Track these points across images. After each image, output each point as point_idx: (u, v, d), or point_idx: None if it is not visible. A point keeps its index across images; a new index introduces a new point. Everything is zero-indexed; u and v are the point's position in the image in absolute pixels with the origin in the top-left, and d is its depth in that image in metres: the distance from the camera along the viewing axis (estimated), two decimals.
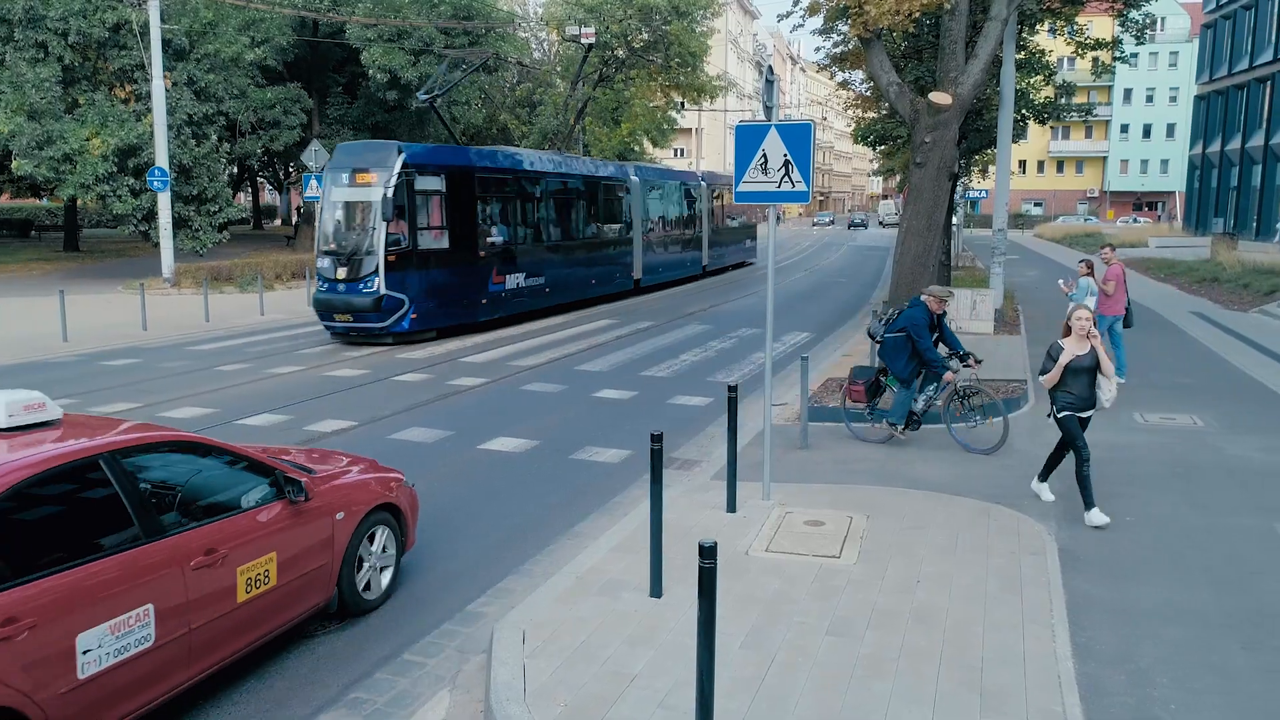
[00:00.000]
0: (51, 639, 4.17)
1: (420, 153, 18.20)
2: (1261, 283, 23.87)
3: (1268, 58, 43.44)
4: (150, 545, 4.72)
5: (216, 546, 5.06)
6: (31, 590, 4.13)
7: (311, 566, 5.77)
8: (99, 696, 4.41)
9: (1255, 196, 44.21)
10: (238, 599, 5.19)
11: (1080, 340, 7.56)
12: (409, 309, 17.45)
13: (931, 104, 11.58)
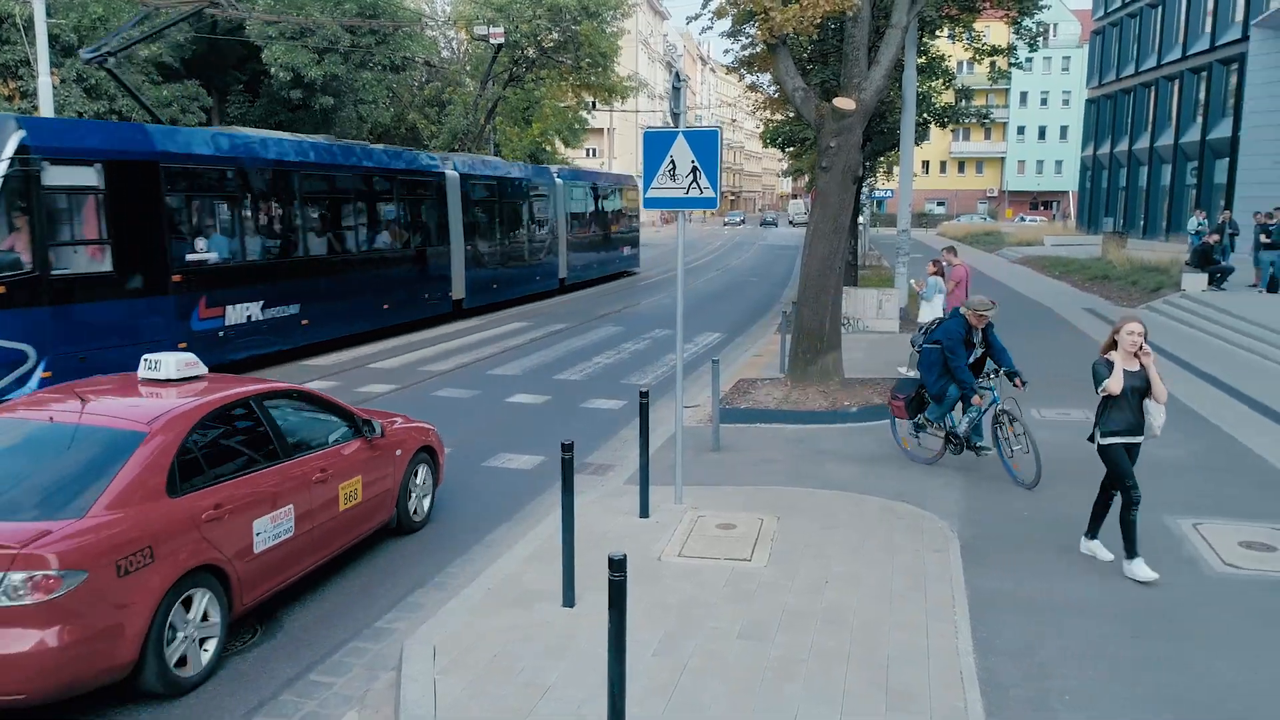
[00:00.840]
0: (240, 523, 5.87)
1: (55, 131, 13.05)
2: (1148, 279, 24.95)
3: (1151, 64, 45.51)
4: (289, 463, 6.45)
5: (326, 468, 6.76)
6: (227, 487, 5.86)
7: (382, 490, 7.47)
8: (262, 569, 6.03)
9: (1142, 196, 46.29)
10: (339, 508, 6.87)
11: (1128, 357, 6.61)
12: (36, 364, 11.88)
13: (836, 110, 11.79)
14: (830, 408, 11.53)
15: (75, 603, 4.76)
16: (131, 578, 5.03)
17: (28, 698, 4.73)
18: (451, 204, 21.70)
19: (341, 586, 6.92)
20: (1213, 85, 39.24)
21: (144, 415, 5.77)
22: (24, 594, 4.66)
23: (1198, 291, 22.02)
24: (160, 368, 6.48)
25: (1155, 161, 44.77)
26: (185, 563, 5.35)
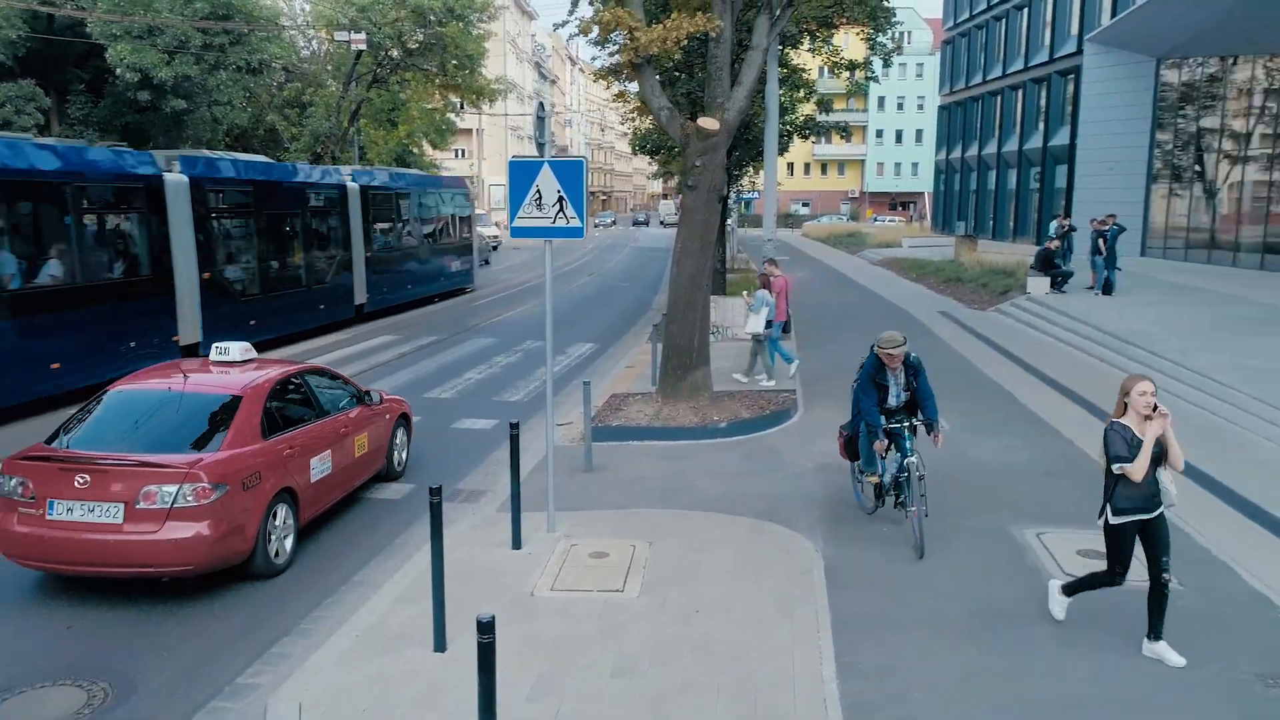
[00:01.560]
0: (303, 460, 8.16)
1: None
2: (997, 282, 26.30)
3: (997, 74, 47.96)
4: (326, 420, 8.78)
5: (347, 426, 9.08)
6: (296, 434, 8.17)
7: (378, 445, 9.77)
8: (314, 494, 8.34)
9: (991, 199, 48.75)
10: (355, 455, 9.17)
11: (1142, 421, 5.88)
12: None
13: (700, 130, 12.00)
14: (700, 424, 11.73)
15: (220, 507, 7.05)
16: (249, 492, 7.37)
17: (194, 568, 7.05)
18: (180, 219, 16.59)
19: (201, 637, 6.65)
20: (1052, 95, 41.61)
21: (235, 385, 8.04)
22: (191, 500, 6.92)
23: (1041, 294, 23.34)
24: (229, 353, 8.72)
25: (1002, 166, 47.18)
26: (277, 484, 7.71)
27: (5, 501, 7.09)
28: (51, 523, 6.90)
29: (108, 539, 6.82)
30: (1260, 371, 13.80)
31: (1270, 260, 28.08)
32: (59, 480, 6.94)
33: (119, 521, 6.84)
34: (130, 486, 6.89)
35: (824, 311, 24.16)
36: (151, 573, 7.02)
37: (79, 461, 7.01)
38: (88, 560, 6.92)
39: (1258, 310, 19.18)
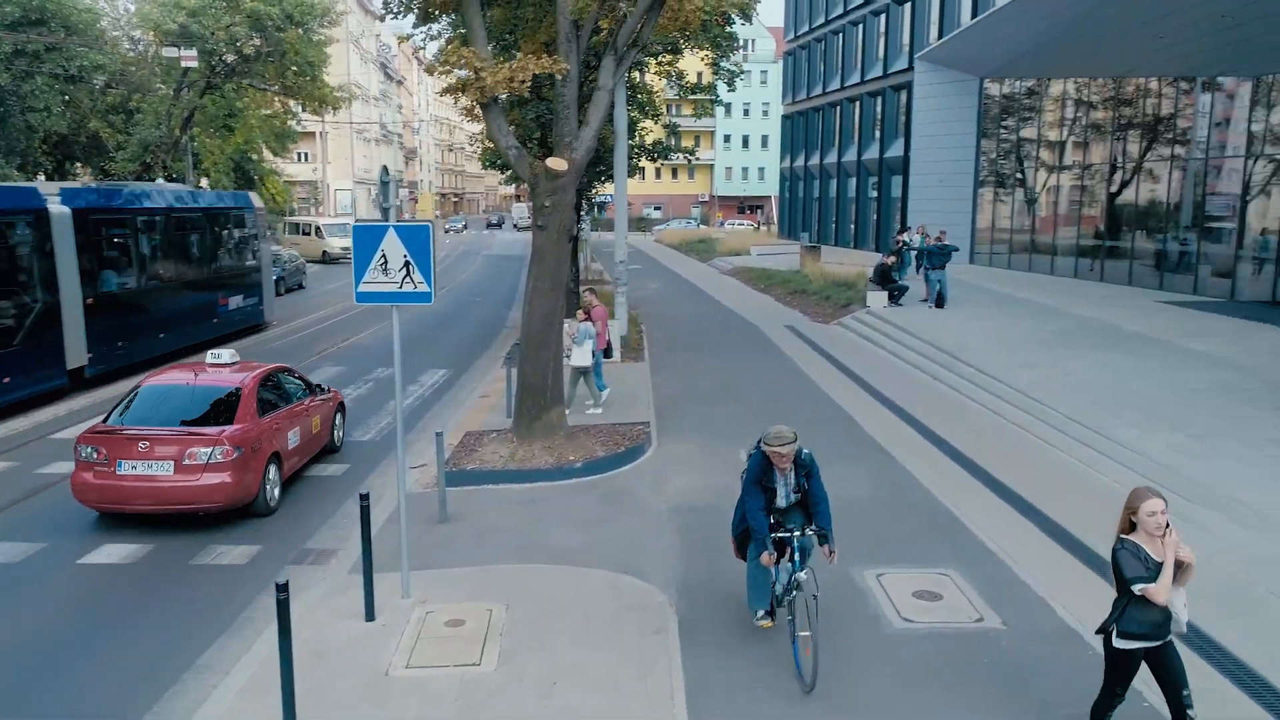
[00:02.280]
0: (284, 434, 11.08)
1: None
2: (839, 295, 27.39)
3: (836, 86, 49.89)
4: (294, 405, 11.61)
5: (307, 409, 11.93)
6: (278, 414, 11.09)
7: (327, 425, 12.69)
8: (289, 457, 11.26)
9: (833, 207, 50.68)
10: (312, 432, 12.03)
11: (1152, 540, 5.36)
12: None
13: (549, 170, 12.04)
14: (556, 464, 11.79)
15: (239, 463, 10.05)
16: (255, 454, 10.35)
17: (221, 505, 10.01)
18: None
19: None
20: (886, 108, 43.61)
21: (235, 380, 11.05)
22: (220, 458, 9.92)
23: (879, 308, 24.47)
24: (222, 358, 11.67)
25: (842, 175, 49.11)
26: (269, 450, 10.68)
27: (83, 465, 10.01)
28: (121, 476, 9.89)
29: (162, 485, 9.87)
30: (1073, 389, 14.91)
31: (1082, 265, 30.32)
32: (126, 446, 9.94)
33: (171, 474, 9.90)
34: (179, 449, 9.93)
35: (677, 328, 24.60)
36: (191, 509, 9.99)
37: (140, 433, 10.04)
38: (150, 500, 9.91)
39: (1070, 324, 20.66)
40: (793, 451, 6.97)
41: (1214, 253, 25.39)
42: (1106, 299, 24.59)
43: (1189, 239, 26.24)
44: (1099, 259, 29.66)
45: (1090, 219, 30.39)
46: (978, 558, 8.89)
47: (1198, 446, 11.79)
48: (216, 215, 24.17)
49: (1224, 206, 24.98)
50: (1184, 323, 20.46)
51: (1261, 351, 17.05)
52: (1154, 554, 5.33)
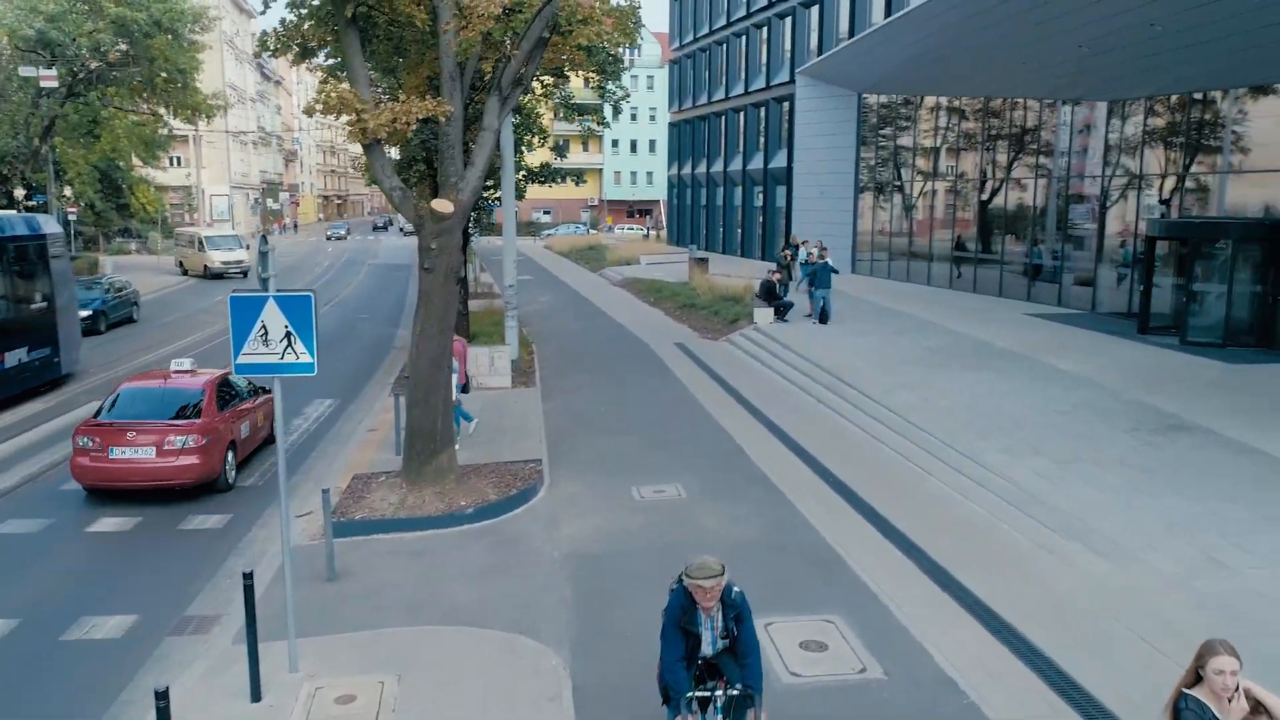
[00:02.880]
0: (238, 426, 13.78)
1: None
2: (728, 310, 27.87)
3: (720, 96, 50.67)
4: (243, 403, 14.17)
5: (252, 407, 14.39)
6: (232, 411, 13.72)
7: (268, 419, 14.62)
8: (243, 446, 13.95)
9: (720, 215, 51.47)
10: (258, 424, 14.51)
11: (1219, 699, 4.79)
12: None
13: (435, 212, 11.93)
14: (447, 510, 11.70)
15: (207, 449, 12.57)
16: (218, 442, 12.85)
17: (193, 482, 12.54)
18: None
19: None
20: (770, 120, 44.53)
21: (199, 382, 13.51)
22: (192, 444, 12.40)
23: (766, 324, 25.03)
24: (184, 365, 13.94)
25: (729, 185, 49.92)
26: (228, 438, 13.20)
27: (81, 451, 12.45)
28: (113, 460, 12.32)
29: (147, 466, 12.34)
30: (947, 411, 15.58)
31: (956, 276, 31.62)
32: (117, 435, 12.41)
33: (153, 457, 12.35)
34: (159, 438, 12.37)
35: (568, 347, 24.63)
36: (169, 485, 12.44)
37: (128, 425, 12.56)
38: (138, 478, 12.35)
39: (945, 340, 21.55)
40: (719, 587, 5.81)
41: (1075, 266, 26.84)
42: (978, 312, 25.72)
43: (1053, 252, 27.67)
44: (972, 270, 30.98)
45: (963, 230, 31.74)
46: (862, 601, 9.22)
47: (1060, 472, 12.49)
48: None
49: (1084, 221, 26.43)
50: (1049, 337, 21.57)
51: (1117, 368, 18.12)
52: (1220, 714, 4.77)
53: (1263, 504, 11.12)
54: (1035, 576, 9.75)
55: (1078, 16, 18.73)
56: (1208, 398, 15.76)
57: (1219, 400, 15.57)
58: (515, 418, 16.81)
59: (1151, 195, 23.90)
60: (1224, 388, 16.52)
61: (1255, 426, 14.00)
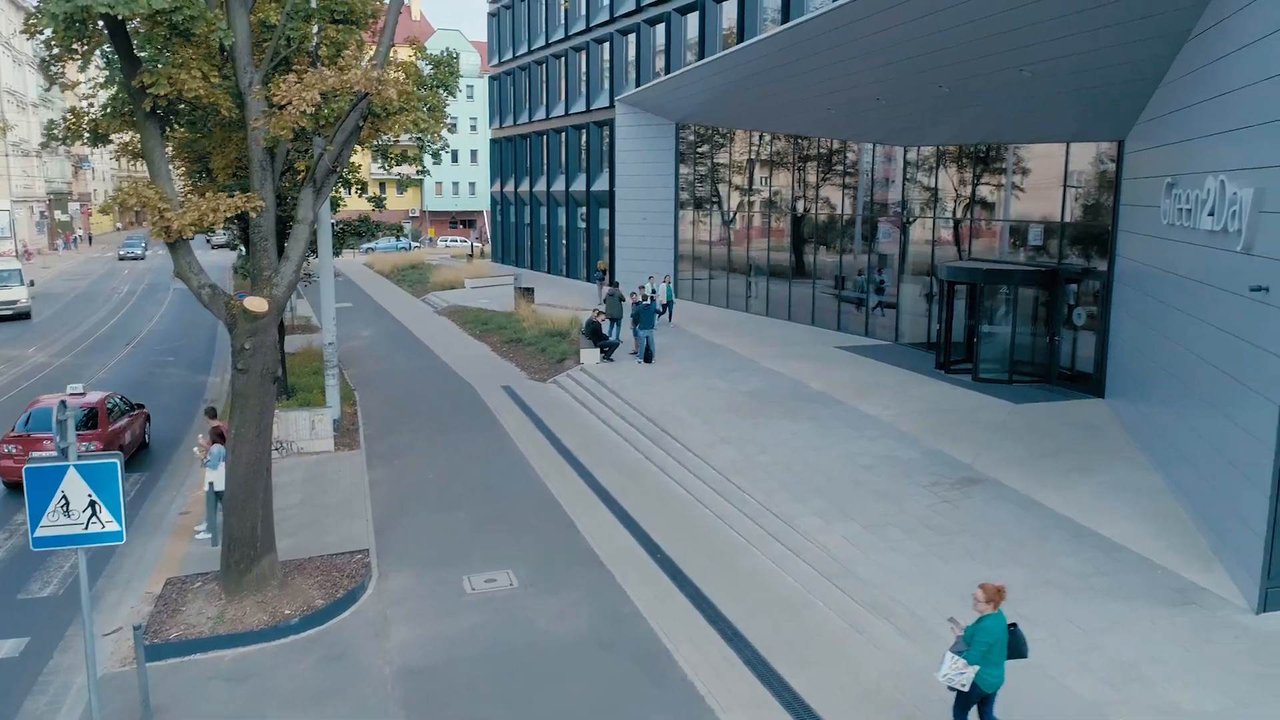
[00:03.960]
0: (124, 434, 18.09)
1: None
2: (555, 348, 28.00)
3: (542, 115, 50.73)
4: (125, 417, 18.34)
5: (131, 419, 18.61)
6: (120, 424, 17.99)
7: (141, 429, 19.39)
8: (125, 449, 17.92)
9: (544, 235, 51.56)
10: (137, 432, 19.01)
11: None
12: None
13: (248, 312, 11.53)
14: (271, 622, 11.35)
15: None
16: (112, 444, 17.04)
17: None
18: None
19: None
20: (591, 142, 44.97)
21: (92, 401, 17.51)
22: (93, 449, 15.57)
23: (593, 364, 25.39)
24: (78, 389, 17.74)
25: (552, 204, 50.09)
26: (117, 445, 17.33)
27: (6, 455, 16.25)
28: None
29: None
30: (766, 469, 16.34)
31: (773, 305, 32.98)
32: (35, 443, 15.98)
33: None
34: None
35: (393, 396, 24.12)
36: None
37: (44, 436, 16.08)
38: None
39: (762, 382, 22.49)
40: None
41: (879, 298, 28.53)
42: (794, 345, 26.93)
43: (859, 284, 29.29)
44: (786, 299, 32.40)
45: (779, 260, 33.12)
46: (689, 707, 9.61)
47: (869, 537, 13.37)
48: None
49: (887, 255, 28.10)
50: (858, 376, 22.87)
51: (918, 412, 19.47)
52: None
53: (1041, 565, 12.29)
54: (848, 662, 10.44)
55: (829, 85, 20.05)
56: (996, 445, 17.18)
57: (1006, 447, 16.98)
58: (340, 492, 16.43)
59: (948, 235, 25.71)
60: (1010, 432, 18.02)
61: (1036, 476, 15.41)
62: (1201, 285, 13.69)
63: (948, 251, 25.43)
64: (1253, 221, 11.68)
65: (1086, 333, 20.97)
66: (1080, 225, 21.27)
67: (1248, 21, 12.09)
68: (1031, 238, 22.59)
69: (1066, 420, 18.71)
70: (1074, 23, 15.52)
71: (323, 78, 11.20)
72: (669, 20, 36.84)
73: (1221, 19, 13.19)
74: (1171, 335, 15.30)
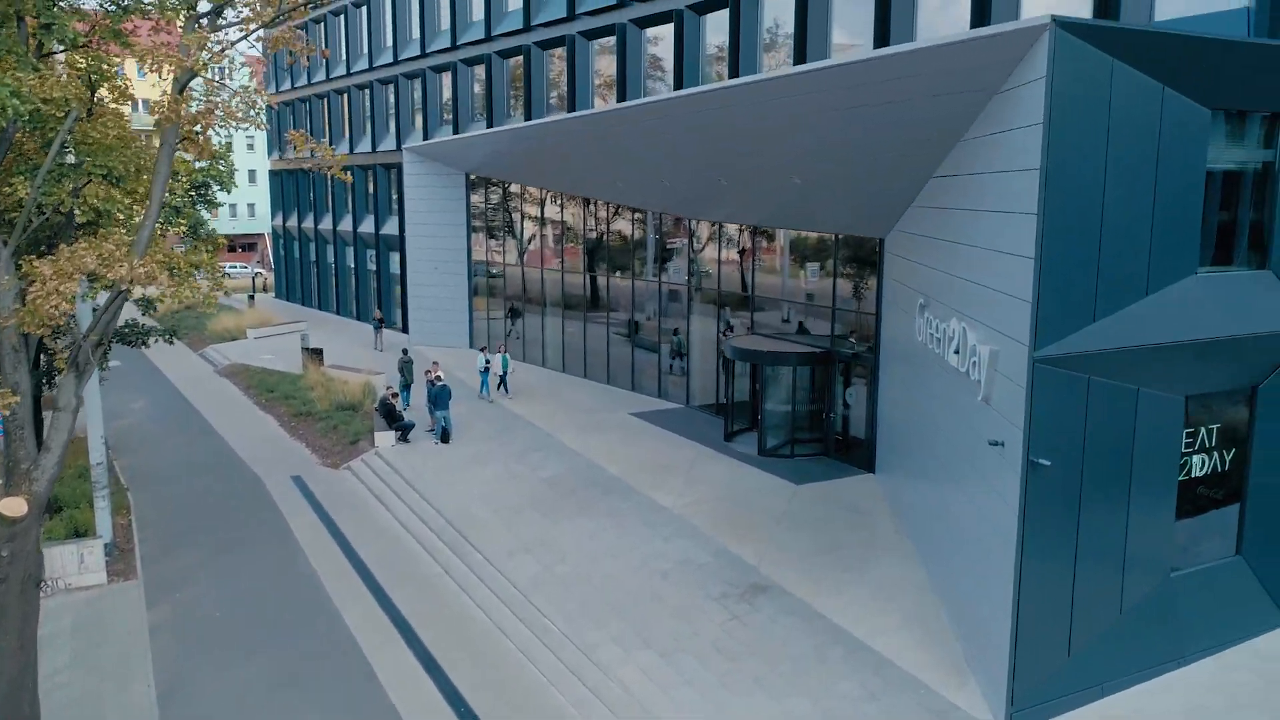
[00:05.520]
0: None
1: None
2: (347, 425, 27.20)
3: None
4: None
5: None
6: None
7: None
8: None
9: (331, 274, 49.83)
10: None
11: None
12: None
13: (4, 516, 10.71)
14: None
15: None
16: None
17: None
18: None
19: None
20: (379, 185, 43.93)
21: None
22: None
23: (388, 447, 24.97)
24: None
25: (340, 244, 48.52)
26: None
27: None
28: None
29: None
30: (566, 585, 16.70)
31: (569, 361, 33.44)
32: None
33: None
34: None
35: (170, 491, 22.77)
36: None
37: None
38: None
39: (560, 467, 22.83)
40: None
41: (669, 360, 29.48)
42: (589, 413, 27.39)
43: (652, 344, 30.11)
44: (583, 356, 32.93)
45: (572, 316, 33.53)
46: None
47: (665, 670, 14.00)
48: None
49: (677, 315, 29.04)
50: (651, 455, 23.56)
51: (709, 500, 20.40)
52: None
53: (822, 692, 13.29)
54: None
55: (613, 163, 20.74)
56: (780, 540, 18.22)
57: (788, 543, 18.04)
58: (116, 645, 15.46)
59: (735, 301, 26.93)
60: (792, 523, 19.16)
61: (815, 577, 16.51)
62: (949, 400, 15.15)
63: (739, 319, 26.63)
64: (990, 379, 13.10)
65: (860, 408, 22.62)
66: (850, 311, 22.87)
67: (984, 191, 13.52)
68: (809, 317, 24.09)
69: (842, 504, 20.11)
70: (832, 149, 16.79)
71: (82, 265, 10.54)
72: (455, 70, 36.51)
73: (960, 173, 14.65)
74: (924, 427, 16.84)
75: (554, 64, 31.18)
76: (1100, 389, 12.28)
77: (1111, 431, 12.50)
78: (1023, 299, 11.99)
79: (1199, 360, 12.98)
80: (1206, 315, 12.85)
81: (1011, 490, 12.22)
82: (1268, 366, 13.85)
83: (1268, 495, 14.23)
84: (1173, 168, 12.28)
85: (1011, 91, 12.45)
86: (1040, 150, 11.43)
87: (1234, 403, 13.99)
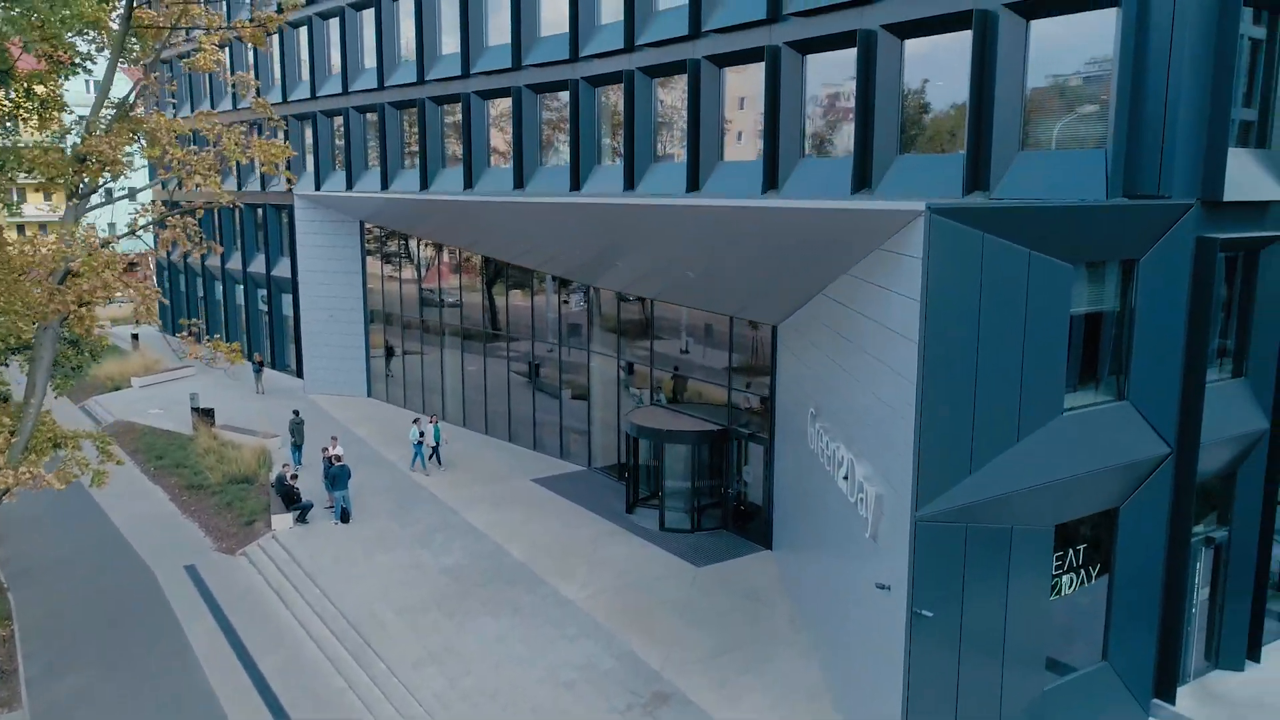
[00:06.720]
0: None
1: None
2: (243, 503, 26.55)
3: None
4: None
5: None
6: None
7: None
8: None
9: (220, 311, 48.27)
10: None
11: None
12: None
13: None
14: None
15: None
16: None
17: None
18: None
19: None
20: (270, 225, 42.79)
21: None
22: None
23: (285, 530, 24.55)
24: None
25: (229, 282, 47.11)
26: None
27: None
28: None
29: None
30: (472, 701, 16.78)
31: (470, 417, 33.32)
32: None
33: None
34: None
35: (55, 587, 21.88)
36: None
37: None
38: None
39: (465, 554, 22.81)
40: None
41: (573, 424, 29.65)
42: (492, 480, 27.35)
43: (555, 406, 30.23)
44: (481, 411, 32.84)
45: (473, 372, 33.37)
46: None
47: None
48: None
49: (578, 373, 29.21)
50: (553, 533, 23.75)
51: (611, 589, 20.69)
52: None
53: None
54: None
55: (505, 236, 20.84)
56: (682, 636, 18.63)
57: (690, 640, 18.48)
58: None
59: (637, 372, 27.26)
60: (693, 616, 19.62)
61: (715, 681, 16.98)
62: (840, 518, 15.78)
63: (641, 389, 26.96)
64: (876, 519, 13.74)
65: (757, 485, 23.24)
66: (747, 388, 23.43)
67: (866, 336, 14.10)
68: (707, 396, 24.60)
69: (742, 591, 20.66)
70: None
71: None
72: (347, 115, 35.80)
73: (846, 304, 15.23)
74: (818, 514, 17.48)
75: (450, 117, 30.92)
76: (978, 535, 13.03)
77: (988, 572, 13.28)
78: (904, 454, 12.63)
79: (1066, 494, 13.87)
80: (1073, 452, 13.74)
81: (897, 634, 12.89)
82: (1129, 488, 14.85)
83: (1128, 605, 15.29)
84: (1040, 319, 13.09)
85: (892, 253, 13.05)
86: (918, 324, 12.05)
87: (1098, 523, 14.97)
